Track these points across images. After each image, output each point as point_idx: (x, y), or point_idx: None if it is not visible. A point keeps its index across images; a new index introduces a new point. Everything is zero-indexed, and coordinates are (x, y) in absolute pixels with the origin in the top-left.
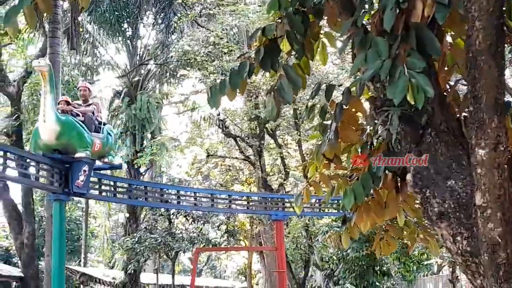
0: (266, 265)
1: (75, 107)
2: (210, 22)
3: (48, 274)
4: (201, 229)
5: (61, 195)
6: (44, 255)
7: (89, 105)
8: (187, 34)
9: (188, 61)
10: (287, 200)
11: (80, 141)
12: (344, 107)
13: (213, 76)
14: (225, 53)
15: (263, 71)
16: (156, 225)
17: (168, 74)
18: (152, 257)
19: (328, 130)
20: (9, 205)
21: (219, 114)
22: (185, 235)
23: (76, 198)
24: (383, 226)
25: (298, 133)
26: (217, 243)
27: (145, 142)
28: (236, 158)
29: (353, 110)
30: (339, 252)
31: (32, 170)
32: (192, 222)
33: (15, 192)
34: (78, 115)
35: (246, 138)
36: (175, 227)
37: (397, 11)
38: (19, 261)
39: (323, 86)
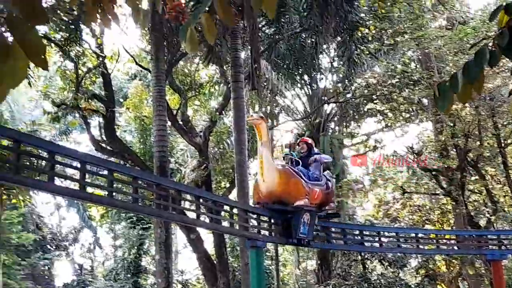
0: None
1: None
2: (391, 53)
3: None
4: (398, 274)
5: (258, 242)
6: None
7: None
8: (369, 67)
9: (373, 94)
10: (504, 237)
11: None
12: None
13: (403, 106)
14: (415, 82)
15: None
16: (349, 271)
17: (351, 112)
18: None
19: None
20: (203, 257)
21: (412, 147)
22: (383, 280)
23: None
24: None
25: (506, 162)
26: None
27: None
28: (435, 194)
29: None
30: None
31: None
32: (388, 267)
33: (208, 243)
34: None
35: (445, 171)
36: (369, 273)
37: None
38: None
39: None
